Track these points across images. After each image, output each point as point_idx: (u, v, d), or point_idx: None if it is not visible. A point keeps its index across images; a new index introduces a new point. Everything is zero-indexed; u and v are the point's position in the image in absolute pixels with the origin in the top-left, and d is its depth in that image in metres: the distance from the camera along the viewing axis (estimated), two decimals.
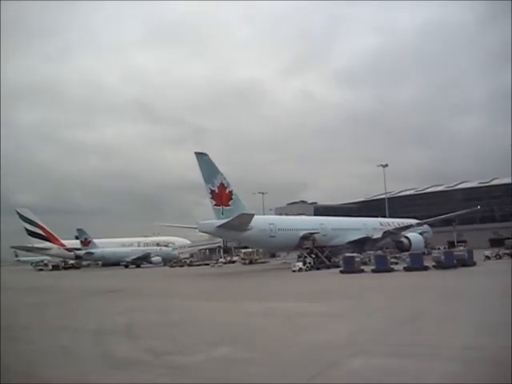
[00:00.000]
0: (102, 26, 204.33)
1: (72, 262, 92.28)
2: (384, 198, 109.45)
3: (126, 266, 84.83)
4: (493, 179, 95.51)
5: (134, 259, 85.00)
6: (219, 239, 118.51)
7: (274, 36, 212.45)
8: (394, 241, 55.72)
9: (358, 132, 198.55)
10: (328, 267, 42.99)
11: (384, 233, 54.46)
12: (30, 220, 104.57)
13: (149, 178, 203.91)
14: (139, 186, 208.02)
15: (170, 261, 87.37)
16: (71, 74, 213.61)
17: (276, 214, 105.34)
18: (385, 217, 74.68)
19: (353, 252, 52.31)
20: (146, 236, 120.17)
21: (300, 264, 41.08)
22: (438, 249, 64.83)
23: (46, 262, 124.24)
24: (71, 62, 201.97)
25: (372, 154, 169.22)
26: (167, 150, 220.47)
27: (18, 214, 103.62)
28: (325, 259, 47.16)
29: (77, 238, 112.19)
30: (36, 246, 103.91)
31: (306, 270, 40.39)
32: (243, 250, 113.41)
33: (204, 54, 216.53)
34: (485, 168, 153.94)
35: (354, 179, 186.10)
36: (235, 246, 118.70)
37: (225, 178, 45.80)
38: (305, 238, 49.65)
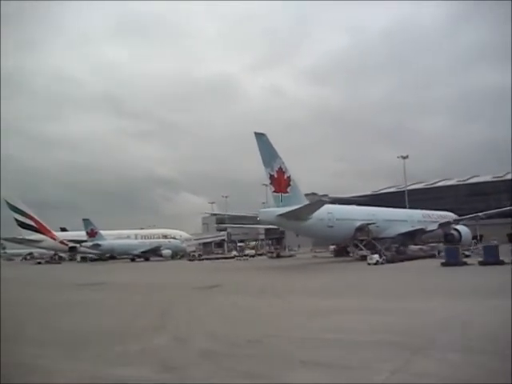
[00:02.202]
0: (70, 18, 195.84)
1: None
2: (392, 192, 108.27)
3: (133, 260, 79.52)
4: (507, 173, 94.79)
5: (143, 252, 79.68)
6: (222, 232, 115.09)
7: (245, 32, 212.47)
8: (445, 233, 52.98)
9: (328, 130, 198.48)
10: (401, 260, 39.74)
11: (440, 224, 51.74)
12: (20, 210, 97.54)
13: (117, 171, 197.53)
14: (107, 179, 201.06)
15: (176, 254, 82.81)
16: (39, 66, 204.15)
17: None
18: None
19: (400, 244, 49.78)
20: (141, 228, 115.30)
21: (376, 256, 37.64)
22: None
23: (36, 254, 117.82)
24: (39, 53, 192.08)
25: (342, 151, 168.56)
26: (136, 144, 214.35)
27: (7, 203, 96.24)
28: (384, 252, 44.07)
29: (62, 229, 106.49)
30: (27, 237, 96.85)
31: (381, 263, 36.95)
32: (240, 244, 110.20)
33: (174, 49, 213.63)
34: (453, 167, 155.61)
35: (325, 176, 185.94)
36: (239, 239, 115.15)
37: (283, 162, 41.80)
38: (360, 229, 46.42)
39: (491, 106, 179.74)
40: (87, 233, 77.18)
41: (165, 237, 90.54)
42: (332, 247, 76.98)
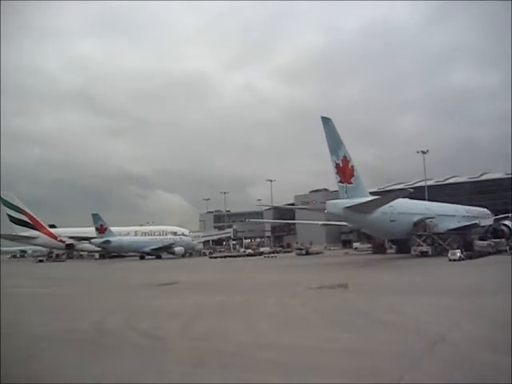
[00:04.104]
0: (43, 11, 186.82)
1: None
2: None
3: (142, 257, 74.75)
4: None
5: (154, 249, 74.75)
6: (228, 229, 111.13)
7: (219, 29, 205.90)
8: (494, 228, 50.72)
9: (304, 128, 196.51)
10: (477, 256, 37.07)
11: (495, 219, 49.48)
12: (14, 206, 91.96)
13: (90, 168, 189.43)
14: (80, 176, 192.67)
15: (186, 251, 78.52)
16: (10, 61, 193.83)
17: (297, 203, 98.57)
18: None
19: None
20: (141, 225, 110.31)
21: (458, 252, 34.86)
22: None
23: (29, 252, 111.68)
24: (10, 47, 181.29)
25: (319, 150, 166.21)
26: (109, 141, 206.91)
27: (1, 198, 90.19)
28: (447, 247, 41.59)
29: (50, 226, 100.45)
30: (21, 234, 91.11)
31: (462, 260, 34.19)
32: (245, 241, 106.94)
33: (149, 46, 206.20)
34: (432, 166, 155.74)
35: (303, 174, 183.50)
36: (247, 236, 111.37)
37: (347, 151, 38.55)
38: (417, 223, 43.70)
39: (468, 105, 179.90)
40: (96, 229, 72.05)
41: (174, 233, 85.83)
42: (355, 244, 75.00)
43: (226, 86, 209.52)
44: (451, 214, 49.94)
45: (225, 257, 66.18)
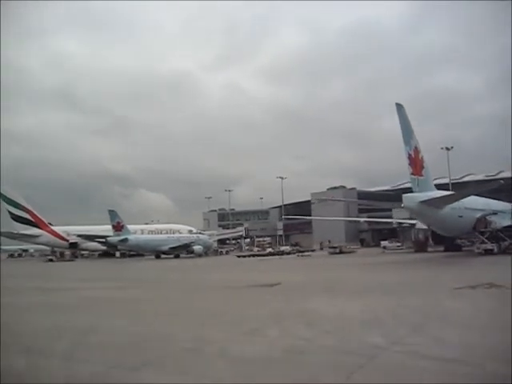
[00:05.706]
0: (25, 8, 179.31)
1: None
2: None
3: (158, 256, 70.86)
4: None
5: (172, 248, 70.86)
6: (240, 228, 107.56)
7: (204, 29, 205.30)
8: None
9: (287, 129, 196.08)
10: None
11: None
12: (15, 202, 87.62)
13: (72, 168, 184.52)
14: (62, 176, 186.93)
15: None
16: None
17: (313, 200, 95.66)
18: None
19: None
20: (146, 223, 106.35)
21: None
22: None
23: (31, 251, 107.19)
24: None
25: (302, 150, 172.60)
26: (92, 141, 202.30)
27: (2, 195, 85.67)
28: None
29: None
30: (22, 232, 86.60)
31: None
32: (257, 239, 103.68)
33: (132, 45, 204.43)
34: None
35: (285, 174, 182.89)
36: (255, 234, 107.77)
37: (418, 141, 35.63)
38: (479, 219, 41.08)
39: (449, 107, 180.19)
40: (113, 226, 68.08)
41: (190, 232, 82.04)
42: (383, 243, 71.61)
43: (210, 86, 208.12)
44: (503, 210, 47.41)
45: (252, 256, 62.72)
